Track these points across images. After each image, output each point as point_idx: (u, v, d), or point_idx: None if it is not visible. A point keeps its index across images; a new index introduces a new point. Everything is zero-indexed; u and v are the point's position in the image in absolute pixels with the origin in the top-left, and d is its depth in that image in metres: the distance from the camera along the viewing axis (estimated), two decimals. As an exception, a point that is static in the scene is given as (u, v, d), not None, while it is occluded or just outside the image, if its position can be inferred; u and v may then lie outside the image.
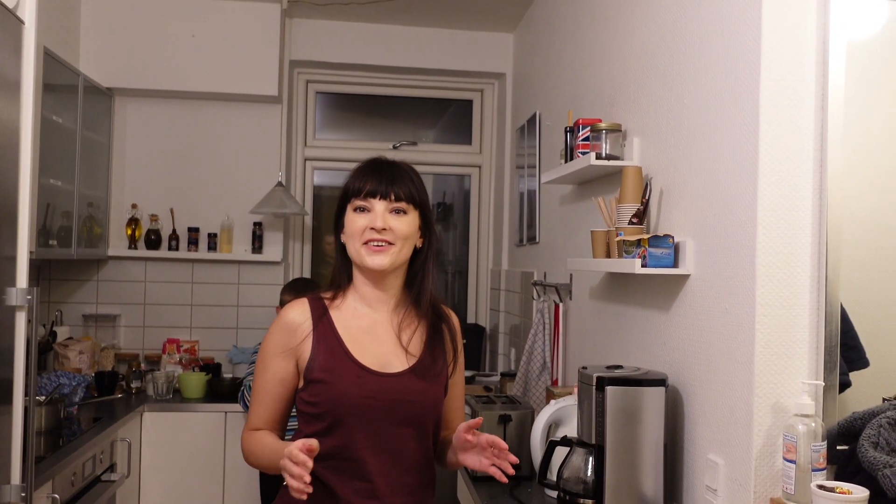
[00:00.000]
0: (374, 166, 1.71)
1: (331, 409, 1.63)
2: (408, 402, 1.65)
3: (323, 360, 1.66)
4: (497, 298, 4.50)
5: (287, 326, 1.70)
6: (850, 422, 1.65)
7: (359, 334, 1.70)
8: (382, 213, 1.66)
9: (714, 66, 1.89)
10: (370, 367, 1.66)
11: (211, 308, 4.23)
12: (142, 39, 3.96)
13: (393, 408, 1.65)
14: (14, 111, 2.27)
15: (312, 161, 4.62)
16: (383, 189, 1.67)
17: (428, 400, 1.69)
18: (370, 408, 1.63)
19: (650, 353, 2.21)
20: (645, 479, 1.94)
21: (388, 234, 1.65)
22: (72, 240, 3.54)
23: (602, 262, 2.30)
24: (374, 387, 1.64)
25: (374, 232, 1.65)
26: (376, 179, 1.68)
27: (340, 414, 1.62)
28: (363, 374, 1.65)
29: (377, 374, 1.66)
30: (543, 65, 3.66)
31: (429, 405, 1.69)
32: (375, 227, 1.65)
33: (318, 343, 1.67)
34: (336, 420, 1.63)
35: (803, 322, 1.66)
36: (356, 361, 1.66)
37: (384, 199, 1.67)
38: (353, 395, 1.63)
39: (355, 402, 1.63)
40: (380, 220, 1.65)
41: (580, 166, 2.44)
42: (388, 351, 1.70)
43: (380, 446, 1.64)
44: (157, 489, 3.62)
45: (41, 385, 3.35)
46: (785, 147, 1.66)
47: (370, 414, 1.63)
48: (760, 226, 1.65)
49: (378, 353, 1.69)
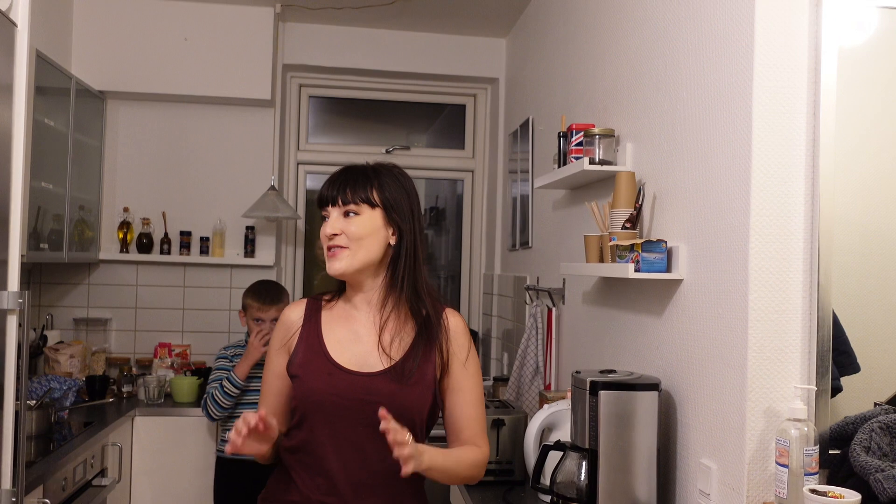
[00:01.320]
0: (334, 175, 1.77)
1: (300, 403, 1.70)
2: (375, 402, 1.61)
3: (301, 357, 1.73)
4: (490, 303, 4.50)
5: (283, 324, 1.80)
6: (842, 426, 1.66)
7: (342, 334, 1.75)
8: (335, 218, 1.72)
9: (707, 72, 1.90)
10: (345, 365, 1.70)
11: (203, 312, 4.22)
12: (134, 43, 3.96)
13: (359, 407, 1.66)
14: (6, 114, 2.26)
15: (305, 165, 4.62)
16: (333, 195, 1.72)
17: (397, 403, 1.64)
18: (335, 405, 1.67)
19: (643, 357, 2.21)
20: (638, 483, 1.94)
21: (341, 239, 1.70)
22: (63, 243, 3.52)
23: (595, 266, 2.31)
24: (343, 385, 1.67)
25: (328, 238, 1.71)
26: (330, 186, 1.74)
27: (308, 409, 1.69)
28: (334, 371, 1.69)
29: (350, 372, 1.69)
30: (536, 70, 3.67)
31: (398, 409, 1.61)
32: (327, 234, 1.71)
33: (301, 340, 1.75)
34: (304, 415, 1.70)
35: (795, 327, 1.67)
36: (330, 359, 1.71)
37: (335, 206, 1.72)
38: (320, 391, 1.67)
39: (320, 399, 1.67)
40: (329, 226, 1.71)
41: (573, 171, 2.45)
42: (367, 351, 1.72)
43: (343, 445, 1.67)
44: (149, 494, 3.60)
45: (32, 389, 3.33)
46: (777, 152, 1.67)
47: (334, 411, 1.67)
48: (753, 231, 1.66)
49: (358, 353, 1.72)
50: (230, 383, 3.19)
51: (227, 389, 3.19)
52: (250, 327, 3.30)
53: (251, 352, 3.20)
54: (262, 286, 3.39)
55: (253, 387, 3.23)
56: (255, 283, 3.42)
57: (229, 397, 3.19)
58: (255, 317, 3.27)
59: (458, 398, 1.76)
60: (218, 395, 3.20)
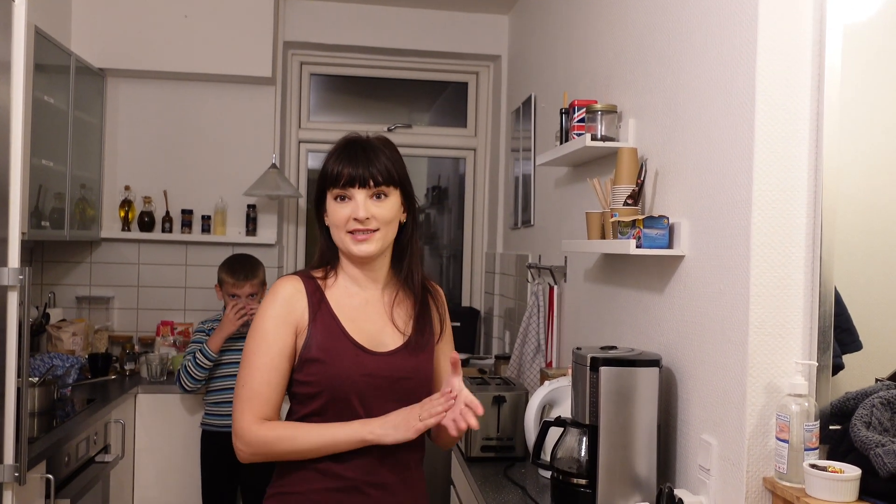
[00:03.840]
0: (348, 149, 1.67)
1: (328, 388, 1.63)
2: (403, 378, 1.68)
3: (321, 339, 1.65)
4: (492, 282, 4.50)
5: (286, 301, 1.66)
6: (843, 402, 1.65)
7: (353, 313, 1.70)
8: (364, 201, 1.63)
9: (711, 48, 1.88)
10: (365, 345, 1.67)
11: (205, 290, 4.22)
12: (134, 20, 3.93)
13: (390, 385, 1.66)
14: (4, 91, 2.25)
15: (307, 143, 4.60)
16: (361, 175, 1.63)
17: (421, 376, 1.72)
18: (368, 386, 1.64)
19: (644, 334, 2.21)
20: (638, 458, 1.95)
21: (372, 223, 1.64)
22: (64, 221, 3.52)
23: (597, 243, 2.30)
24: (372, 365, 1.65)
25: (357, 223, 1.64)
26: (352, 164, 1.63)
27: (339, 393, 1.63)
28: (360, 353, 1.66)
29: (373, 353, 1.67)
30: (539, 47, 3.64)
31: (422, 381, 1.72)
32: (359, 218, 1.63)
33: (315, 321, 1.66)
34: (332, 399, 1.63)
35: (797, 303, 1.66)
36: (353, 340, 1.66)
37: (363, 188, 1.63)
38: (352, 374, 1.63)
39: (354, 381, 1.63)
40: (362, 209, 1.63)
41: (575, 148, 2.44)
42: (380, 329, 1.71)
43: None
44: (152, 470, 3.63)
45: (34, 367, 3.34)
46: (780, 128, 1.66)
47: (368, 392, 1.64)
48: (755, 207, 1.65)
49: (371, 331, 1.70)
50: (203, 355, 3.23)
51: (199, 361, 3.24)
52: (226, 301, 3.31)
53: (225, 325, 3.23)
54: (235, 260, 3.39)
55: (226, 360, 3.28)
56: (230, 258, 3.43)
57: (202, 370, 3.25)
58: (229, 292, 3.30)
59: (443, 363, 1.81)
60: (190, 366, 3.26)
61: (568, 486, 2.02)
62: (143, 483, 3.62)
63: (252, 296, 3.29)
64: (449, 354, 1.75)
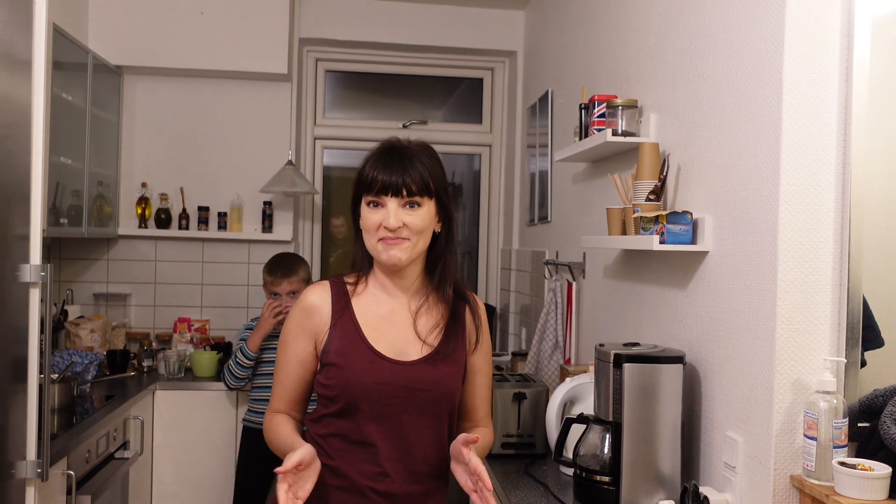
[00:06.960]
0: (386, 155, 1.64)
1: (343, 392, 1.63)
2: (421, 390, 1.64)
3: (339, 344, 1.65)
4: (507, 278, 4.48)
5: (306, 308, 1.70)
6: (872, 399, 1.63)
7: (376, 321, 1.69)
8: (395, 210, 1.61)
9: (735, 40, 1.86)
10: (385, 353, 1.65)
11: (221, 287, 4.23)
12: (150, 17, 3.93)
13: (406, 396, 1.64)
14: (26, 88, 2.25)
15: (322, 140, 4.60)
16: (395, 184, 1.60)
17: (442, 389, 1.66)
18: (382, 394, 1.63)
19: (666, 331, 2.19)
20: (662, 455, 1.93)
21: (403, 231, 1.62)
22: (82, 218, 3.53)
23: (618, 239, 2.29)
24: (388, 374, 1.64)
25: (387, 231, 1.62)
26: (387, 172, 1.61)
27: (353, 399, 1.63)
28: (377, 360, 1.64)
29: (392, 361, 1.65)
30: (556, 41, 3.62)
31: (443, 395, 1.67)
32: (389, 227, 1.61)
33: (336, 326, 1.67)
34: (348, 404, 1.64)
35: (825, 298, 1.64)
36: (371, 347, 1.65)
37: (396, 196, 1.61)
38: (365, 380, 1.62)
39: (368, 388, 1.62)
40: (392, 218, 1.60)
41: (596, 143, 2.42)
42: (404, 338, 1.68)
43: (391, 432, 1.64)
44: (170, 466, 3.64)
45: (53, 363, 3.36)
46: (808, 122, 1.64)
47: (382, 400, 1.63)
48: (783, 201, 1.63)
49: (394, 340, 1.68)
50: (242, 355, 3.29)
51: (239, 361, 3.30)
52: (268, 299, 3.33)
53: (262, 324, 3.26)
54: (275, 260, 3.41)
55: (265, 358, 3.31)
56: (273, 257, 3.44)
57: (243, 368, 3.31)
58: (270, 290, 3.33)
59: (477, 379, 1.77)
60: (233, 365, 3.32)
61: (591, 483, 2.01)
62: (162, 479, 3.64)
63: (293, 293, 3.30)
64: (482, 376, 1.75)
